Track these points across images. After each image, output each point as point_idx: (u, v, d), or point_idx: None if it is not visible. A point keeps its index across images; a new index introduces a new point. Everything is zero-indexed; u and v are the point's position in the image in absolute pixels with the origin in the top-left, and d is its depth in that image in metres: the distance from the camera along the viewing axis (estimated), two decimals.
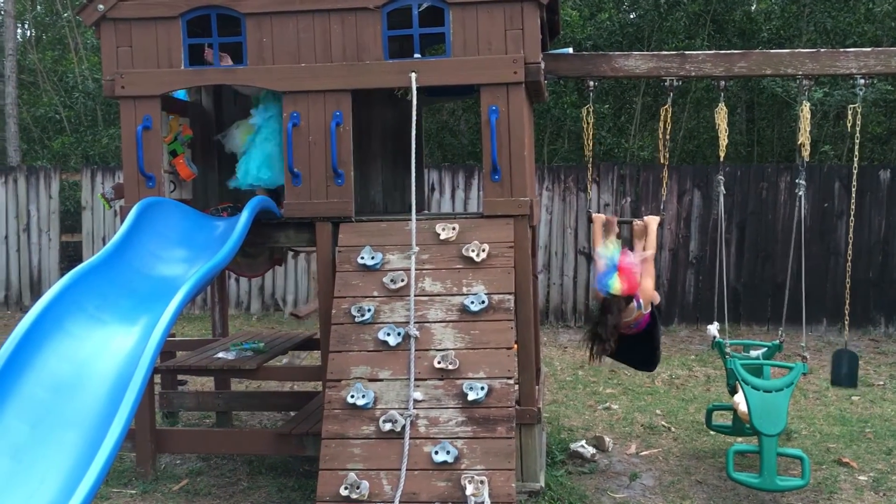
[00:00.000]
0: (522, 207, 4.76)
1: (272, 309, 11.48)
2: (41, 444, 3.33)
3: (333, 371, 4.47)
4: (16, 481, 3.22)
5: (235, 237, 4.45)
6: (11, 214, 11.81)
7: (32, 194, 11.80)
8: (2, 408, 3.36)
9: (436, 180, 11.07)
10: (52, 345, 3.64)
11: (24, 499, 3.16)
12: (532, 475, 4.72)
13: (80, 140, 14.33)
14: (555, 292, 10.94)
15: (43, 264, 11.80)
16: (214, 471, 5.30)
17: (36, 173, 11.90)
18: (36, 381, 3.50)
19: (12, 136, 13.43)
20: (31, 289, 11.79)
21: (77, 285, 3.94)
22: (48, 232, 11.78)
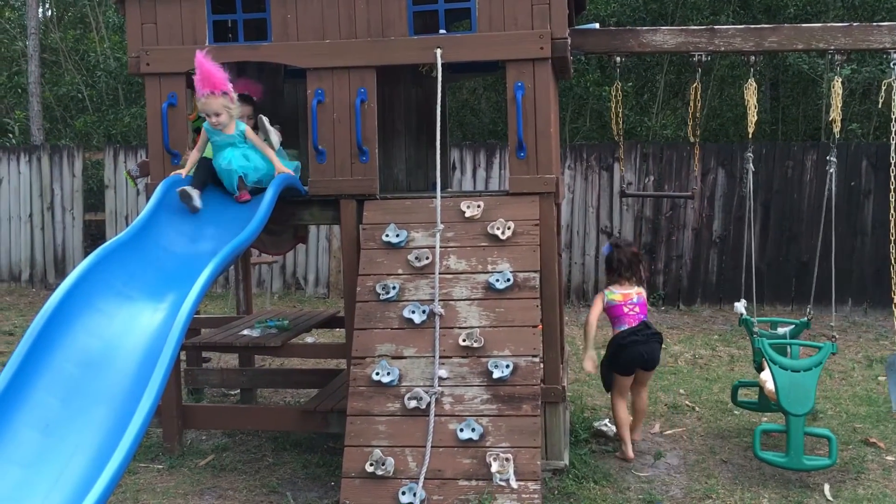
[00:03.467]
0: (548, 185, 4.72)
1: (293, 288, 11.53)
2: (71, 419, 3.36)
3: (358, 348, 4.48)
4: (47, 456, 3.25)
5: (261, 214, 4.45)
6: (35, 193, 11.91)
7: (56, 173, 11.88)
8: (33, 383, 3.39)
9: (457, 159, 11.02)
10: (82, 321, 3.67)
11: (55, 473, 3.19)
12: (556, 453, 4.72)
13: (102, 119, 14.39)
14: (576, 271, 10.90)
15: (67, 243, 11.90)
16: (240, 447, 5.34)
17: (59, 152, 11.98)
18: (66, 357, 3.53)
19: (35, 115, 13.50)
20: (56, 267, 11.90)
21: (105, 262, 3.97)
22: (72, 210, 11.87)
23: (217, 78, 4.48)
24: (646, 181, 10.70)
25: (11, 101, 15.46)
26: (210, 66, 4.47)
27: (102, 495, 2.90)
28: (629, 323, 5.13)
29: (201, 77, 4.47)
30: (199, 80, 4.49)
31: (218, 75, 4.49)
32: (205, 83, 4.47)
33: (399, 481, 4.08)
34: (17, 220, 11.97)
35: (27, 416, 3.32)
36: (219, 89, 4.49)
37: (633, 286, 5.26)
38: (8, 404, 3.30)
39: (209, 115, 4.56)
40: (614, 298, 5.19)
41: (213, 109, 4.53)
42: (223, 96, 4.52)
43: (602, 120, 13.37)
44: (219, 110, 4.53)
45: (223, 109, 4.55)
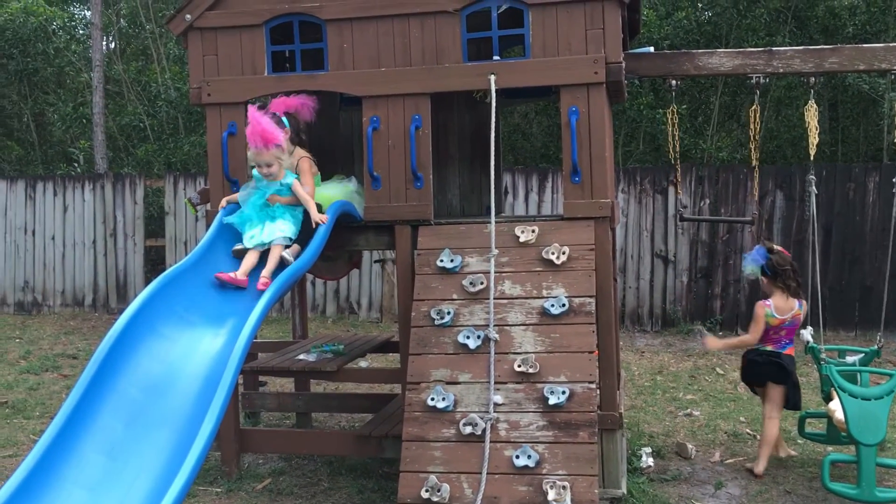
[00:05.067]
0: (603, 209, 4.69)
1: (347, 312, 11.62)
2: (135, 442, 3.44)
3: (413, 374, 4.49)
4: (112, 478, 3.33)
5: (318, 240, 4.52)
6: (99, 220, 12.26)
7: (119, 200, 12.22)
8: (99, 407, 3.48)
9: (509, 183, 11.03)
10: (146, 345, 3.75)
11: (119, 496, 3.26)
12: (614, 481, 4.64)
13: (162, 147, 14.78)
14: (631, 296, 10.77)
15: (128, 268, 12.20)
16: (296, 471, 5.37)
17: (122, 180, 12.33)
18: (130, 381, 3.61)
19: (99, 144, 13.93)
20: (118, 292, 12.21)
21: (167, 288, 4.06)
22: (133, 237, 12.18)
23: (270, 133, 4.49)
24: (701, 204, 10.56)
25: (77, 131, 15.99)
26: (263, 121, 4.49)
27: None
28: (768, 344, 5.21)
29: (254, 132, 4.48)
30: (251, 134, 4.50)
31: (271, 130, 4.49)
32: (258, 138, 4.48)
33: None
34: (82, 247, 12.32)
35: (93, 440, 3.40)
36: (272, 143, 4.50)
37: (793, 298, 5.26)
38: (75, 428, 3.39)
39: (260, 165, 4.58)
40: (771, 322, 5.22)
41: (264, 161, 4.55)
42: (276, 148, 4.53)
43: (655, 143, 13.26)
44: (270, 161, 4.55)
45: (275, 160, 4.56)
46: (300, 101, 4.93)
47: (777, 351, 5.23)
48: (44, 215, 12.42)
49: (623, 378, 5.87)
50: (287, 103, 4.86)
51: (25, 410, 6.80)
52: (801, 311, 5.29)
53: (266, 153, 4.51)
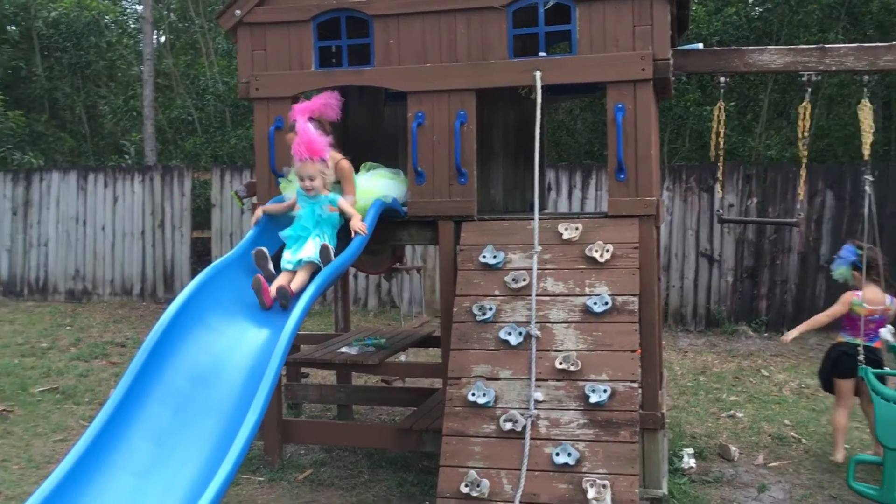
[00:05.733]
0: (648, 207, 4.65)
1: (388, 306, 11.69)
2: (182, 430, 3.51)
3: (454, 369, 4.50)
4: (159, 465, 3.40)
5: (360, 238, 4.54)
6: (147, 211, 12.50)
7: (167, 192, 12.44)
8: (147, 395, 3.56)
9: (552, 180, 10.99)
10: (193, 336, 3.82)
11: (166, 482, 3.33)
12: (654, 482, 4.61)
13: (209, 140, 15.01)
14: (674, 295, 10.66)
15: (176, 259, 12.42)
16: (337, 462, 5.43)
17: (170, 172, 12.55)
18: (177, 371, 3.68)
19: (149, 136, 14.20)
20: (165, 282, 12.43)
21: (214, 280, 4.13)
22: (181, 228, 12.39)
23: (317, 146, 4.40)
24: (748, 203, 10.40)
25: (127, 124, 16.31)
26: (312, 133, 4.40)
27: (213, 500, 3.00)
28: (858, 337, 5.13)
29: (300, 143, 4.39)
30: (297, 145, 4.40)
31: (318, 142, 4.41)
32: (304, 149, 4.38)
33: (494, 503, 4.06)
34: (131, 237, 12.58)
35: (141, 427, 3.48)
36: (318, 156, 4.40)
37: (882, 293, 5.22)
38: (124, 415, 3.47)
39: (303, 178, 4.45)
40: (859, 311, 5.16)
41: (308, 173, 4.43)
42: (321, 162, 4.42)
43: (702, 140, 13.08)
44: (314, 175, 4.43)
45: (318, 175, 4.44)
46: (322, 101, 4.74)
47: (871, 346, 5.15)
48: (95, 206, 12.70)
49: (665, 378, 5.82)
50: (310, 108, 4.67)
51: (75, 396, 6.97)
52: (891, 307, 5.21)
53: (311, 166, 4.40)
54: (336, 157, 4.70)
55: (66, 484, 3.21)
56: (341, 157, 4.76)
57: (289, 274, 4.32)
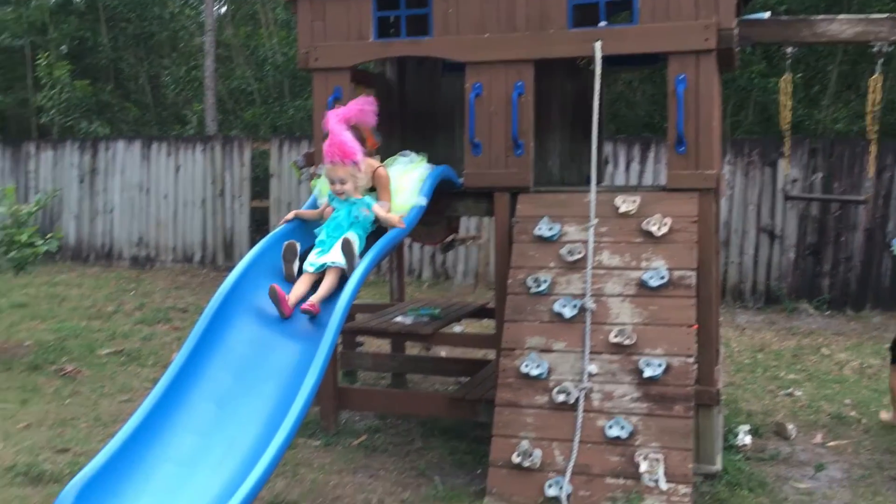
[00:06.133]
0: (708, 181, 4.58)
1: (442, 278, 11.74)
2: (243, 393, 3.61)
3: (508, 340, 4.53)
4: (221, 426, 3.51)
5: (417, 207, 4.57)
6: (208, 180, 12.74)
7: (227, 162, 12.66)
8: (209, 359, 3.66)
9: (610, 153, 10.84)
10: (252, 303, 3.92)
11: (227, 442, 3.44)
12: (708, 458, 4.58)
13: (268, 111, 15.18)
14: (733, 271, 10.48)
15: (235, 228, 12.66)
16: (390, 429, 5.52)
17: (230, 142, 12.75)
18: (238, 337, 3.78)
19: (210, 107, 14.42)
20: (224, 250, 12.69)
21: (272, 249, 4.21)
22: (240, 197, 12.61)
23: (348, 148, 4.21)
24: (813, 178, 10.12)
25: (189, 94, 16.58)
26: (344, 134, 4.23)
27: (270, 465, 3.10)
28: None
29: (332, 144, 4.22)
30: (329, 146, 4.23)
31: (350, 145, 4.21)
32: (336, 151, 4.21)
33: (545, 474, 4.10)
34: (192, 206, 12.85)
35: (203, 390, 3.59)
36: (349, 159, 4.21)
37: None
38: (186, 378, 3.58)
39: (334, 181, 4.26)
40: None
41: (339, 176, 4.23)
42: (352, 165, 4.22)
43: (766, 113, 12.74)
44: (345, 178, 4.22)
45: (349, 178, 4.23)
46: (358, 107, 4.56)
47: None
48: (158, 174, 12.99)
49: (722, 354, 5.76)
50: (345, 115, 4.45)
51: (140, 359, 7.20)
52: None
53: (342, 169, 4.20)
54: (374, 164, 4.51)
55: (132, 442, 3.34)
56: (379, 164, 4.59)
57: (309, 277, 4.06)
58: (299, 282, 4.06)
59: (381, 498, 4.33)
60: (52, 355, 7.08)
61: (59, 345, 7.50)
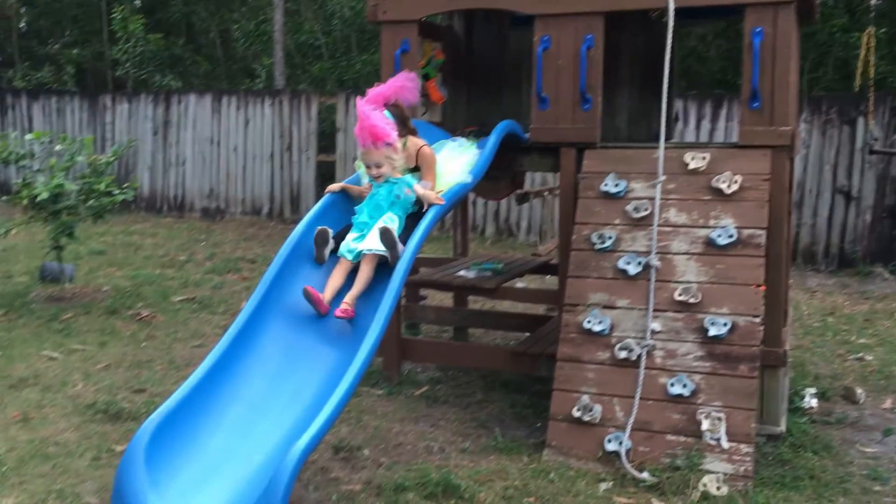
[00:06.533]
0: (783, 137, 4.45)
1: (505, 234, 11.74)
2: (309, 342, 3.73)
3: (571, 296, 4.53)
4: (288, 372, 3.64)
5: (483, 160, 4.57)
6: (277, 134, 12.93)
7: (295, 116, 12.80)
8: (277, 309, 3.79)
9: (680, 110, 10.60)
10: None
11: (295, 387, 3.57)
12: (773, 419, 4.53)
13: (336, 65, 15.26)
14: (805, 233, 10.21)
15: (302, 181, 12.85)
16: (452, 381, 5.60)
17: (298, 96, 12.88)
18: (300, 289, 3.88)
19: (278, 61, 14.56)
20: (291, 203, 12.91)
21: (336, 203, 4.27)
22: (307, 152, 12.77)
23: (380, 130, 4.01)
24: (895, 137, 9.73)
25: (258, 48, 16.76)
26: (373, 116, 4.02)
27: (335, 409, 3.20)
28: None
29: (362, 128, 4.03)
30: (359, 131, 4.06)
31: (380, 127, 4.01)
32: (366, 135, 4.02)
33: (605, 429, 4.12)
34: (260, 159, 13.08)
35: (272, 338, 3.71)
36: (381, 141, 4.02)
37: None
38: (256, 326, 3.70)
39: (369, 166, 4.11)
40: None
41: (373, 160, 4.07)
42: (386, 147, 4.04)
43: (846, 69, 12.24)
44: (380, 161, 4.06)
45: (385, 161, 4.06)
46: (398, 84, 4.39)
47: None
48: (228, 128, 13.23)
49: (790, 316, 5.65)
50: (384, 94, 4.30)
51: (211, 306, 7.44)
52: None
53: (375, 152, 4.04)
54: (418, 143, 4.35)
55: (204, 383, 3.48)
56: (424, 143, 4.39)
57: (345, 265, 3.96)
58: (335, 272, 3.95)
59: (442, 446, 4.42)
60: (128, 301, 7.36)
61: (135, 291, 7.79)
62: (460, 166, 4.46)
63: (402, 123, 4.28)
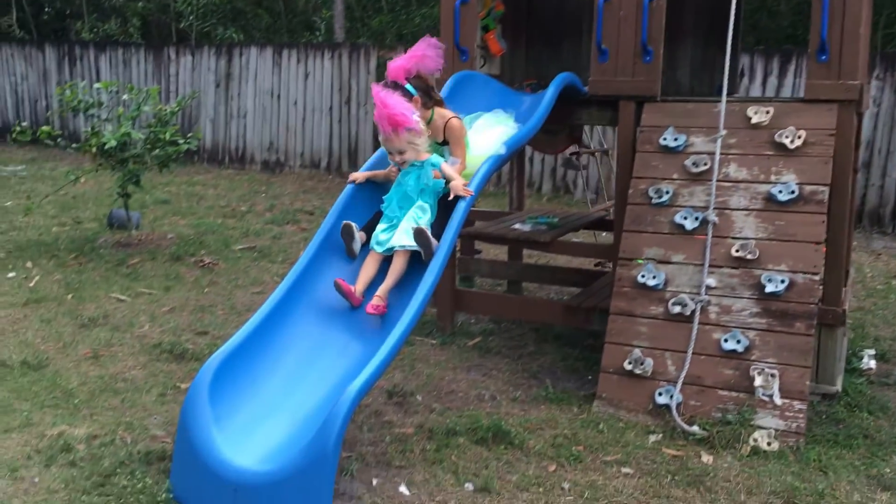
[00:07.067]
0: (851, 91, 4.33)
1: (562, 191, 11.66)
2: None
3: (626, 250, 4.52)
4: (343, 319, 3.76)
5: (540, 112, 4.55)
6: (335, 88, 12.99)
7: (354, 69, 12.83)
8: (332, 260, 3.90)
9: (746, 66, 10.31)
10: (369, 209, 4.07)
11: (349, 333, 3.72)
12: (828, 378, 4.48)
13: (395, 19, 15.20)
14: (872, 194, 9.91)
15: (360, 136, 12.92)
16: (504, 333, 5.66)
17: (357, 50, 12.89)
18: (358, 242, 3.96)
19: (338, 14, 14.56)
20: (349, 157, 13.01)
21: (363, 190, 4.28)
22: (365, 105, 12.81)
23: (398, 116, 3.80)
24: None
25: (318, 1, 16.78)
26: (391, 102, 3.81)
27: (389, 354, 3.29)
28: None
29: (381, 115, 3.83)
30: (378, 118, 3.86)
31: (399, 112, 3.80)
32: (385, 122, 3.82)
33: (656, 382, 4.14)
34: (320, 113, 13.17)
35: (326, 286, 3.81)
36: (402, 127, 3.82)
37: None
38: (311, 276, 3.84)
39: (392, 153, 3.94)
40: None
41: (396, 147, 3.89)
42: (407, 132, 3.83)
43: None
44: (403, 148, 3.88)
45: (408, 147, 3.88)
46: (418, 55, 4.13)
47: None
48: (288, 81, 13.34)
49: (851, 276, 5.53)
50: (405, 67, 4.08)
51: (270, 255, 7.61)
52: None
53: (397, 139, 3.85)
54: (446, 115, 4.16)
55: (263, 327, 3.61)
56: (452, 115, 4.19)
57: (376, 257, 3.86)
58: (367, 263, 3.86)
59: (494, 395, 4.50)
60: (191, 248, 7.58)
61: (197, 239, 8.01)
62: (494, 137, 4.25)
63: (427, 94, 4.11)
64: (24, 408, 4.08)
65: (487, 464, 3.64)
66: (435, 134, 4.15)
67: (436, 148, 4.19)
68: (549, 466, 3.65)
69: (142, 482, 3.35)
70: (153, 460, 3.57)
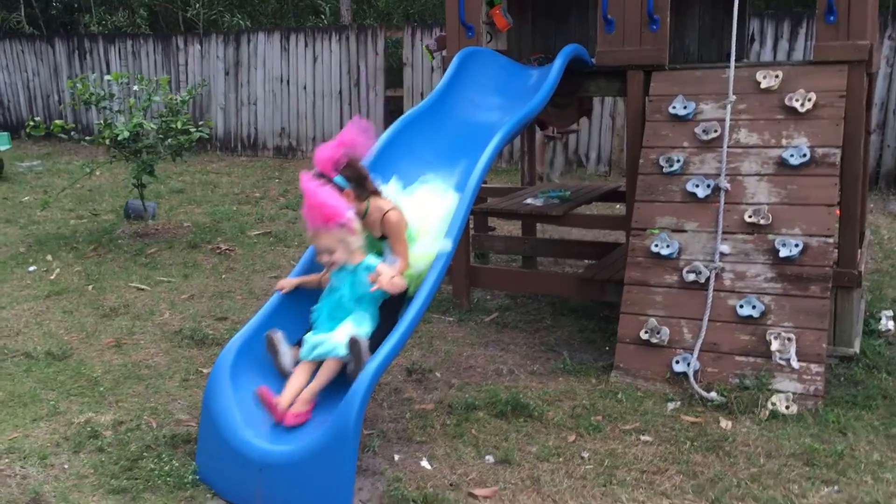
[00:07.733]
0: (860, 52, 4.29)
1: (575, 165, 11.63)
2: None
3: (638, 220, 4.52)
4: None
5: (548, 85, 4.55)
6: (344, 70, 12.98)
7: (362, 51, 12.81)
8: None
9: (756, 30, 10.21)
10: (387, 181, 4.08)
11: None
12: (846, 340, 4.48)
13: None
14: (888, 156, 9.82)
15: (371, 118, 12.91)
16: (520, 308, 5.69)
17: (364, 31, 12.86)
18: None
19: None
20: None
21: (407, 129, 4.35)
22: (375, 87, 12.80)
23: (329, 209, 3.41)
24: None
25: None
26: (321, 193, 3.43)
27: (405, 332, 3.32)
28: None
29: (310, 207, 3.45)
30: (307, 211, 3.47)
31: (331, 205, 3.42)
32: (315, 216, 3.43)
33: (673, 350, 4.16)
34: (329, 96, 13.17)
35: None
36: (333, 222, 3.42)
37: None
38: None
39: (321, 252, 3.51)
40: None
41: (325, 246, 3.48)
42: (339, 228, 3.43)
43: None
44: (332, 246, 3.47)
45: (339, 245, 3.47)
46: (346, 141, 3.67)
47: None
48: (297, 66, 13.34)
49: (867, 238, 5.50)
50: (332, 158, 3.61)
51: (286, 240, 7.66)
52: None
53: (326, 235, 3.44)
54: (383, 206, 3.66)
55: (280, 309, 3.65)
56: (391, 206, 3.68)
57: (307, 367, 3.46)
58: (295, 374, 3.44)
59: (512, 369, 4.53)
60: (208, 235, 7.64)
61: (213, 226, 8.07)
62: (438, 220, 3.78)
63: (361, 185, 3.63)
64: (50, 397, 4.16)
65: (507, 436, 3.68)
66: (371, 228, 3.68)
67: (372, 243, 3.71)
68: (569, 437, 3.68)
69: (168, 465, 3.42)
70: (179, 443, 3.64)
